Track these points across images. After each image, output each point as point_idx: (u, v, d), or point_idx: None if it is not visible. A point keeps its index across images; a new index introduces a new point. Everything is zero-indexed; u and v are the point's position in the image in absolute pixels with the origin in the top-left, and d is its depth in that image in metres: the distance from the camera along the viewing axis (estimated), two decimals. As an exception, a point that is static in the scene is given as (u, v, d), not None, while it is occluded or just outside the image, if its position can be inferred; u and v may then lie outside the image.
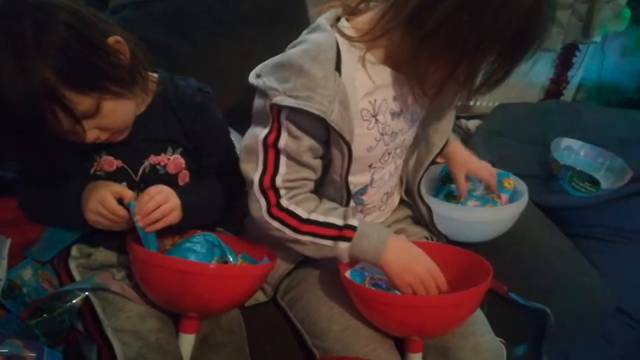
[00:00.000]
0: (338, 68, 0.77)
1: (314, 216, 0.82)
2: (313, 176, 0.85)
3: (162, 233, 0.84)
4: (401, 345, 0.88)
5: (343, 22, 0.82)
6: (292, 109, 0.76)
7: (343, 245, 0.82)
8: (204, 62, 1.31)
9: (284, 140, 0.79)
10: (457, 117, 1.70)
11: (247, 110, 0.86)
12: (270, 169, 0.81)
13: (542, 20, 0.73)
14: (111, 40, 0.74)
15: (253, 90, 0.83)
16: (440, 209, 1.06)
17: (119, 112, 0.77)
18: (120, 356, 0.75)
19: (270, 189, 0.81)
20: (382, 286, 0.88)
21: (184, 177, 0.90)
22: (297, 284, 0.95)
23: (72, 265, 0.86)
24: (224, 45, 1.35)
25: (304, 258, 0.94)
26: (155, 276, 0.79)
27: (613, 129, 1.72)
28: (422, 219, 1.04)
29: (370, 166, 0.90)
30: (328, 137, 0.81)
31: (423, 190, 1.04)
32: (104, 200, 0.78)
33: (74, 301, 0.78)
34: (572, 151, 1.63)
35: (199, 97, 0.89)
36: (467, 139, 1.82)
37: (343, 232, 0.82)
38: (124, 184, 0.85)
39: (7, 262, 0.84)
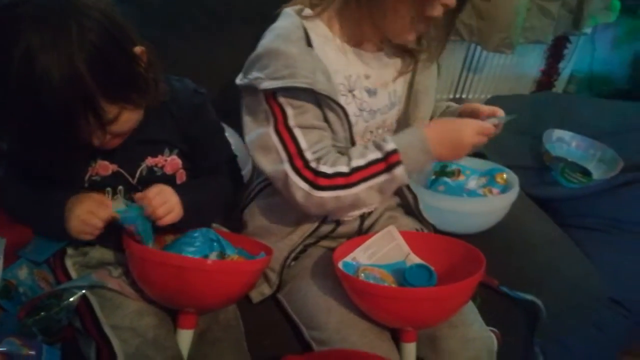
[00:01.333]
0: (309, 44, 0.84)
1: (354, 163, 0.83)
2: (331, 141, 0.87)
3: (163, 231, 0.84)
4: (395, 335, 0.88)
5: (306, 11, 0.88)
6: (282, 89, 0.81)
7: (398, 170, 0.82)
8: (197, 57, 1.32)
9: (292, 118, 0.83)
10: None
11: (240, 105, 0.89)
12: (294, 149, 0.83)
13: None
14: (137, 49, 0.75)
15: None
16: (430, 199, 1.07)
17: (132, 120, 0.77)
18: (120, 353, 0.76)
19: (304, 168, 0.83)
20: (375, 277, 0.88)
21: (181, 177, 0.90)
22: (293, 276, 0.96)
23: (69, 263, 0.86)
24: (216, 40, 1.36)
25: (301, 249, 0.96)
26: (152, 273, 0.79)
27: (604, 120, 1.73)
28: (409, 207, 1.05)
29: (352, 144, 0.91)
30: (321, 106, 0.85)
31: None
32: (85, 219, 0.79)
33: (70, 299, 0.78)
34: (564, 142, 1.65)
35: (196, 98, 0.89)
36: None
37: (389, 160, 0.82)
38: (121, 187, 0.85)
39: (2, 262, 0.83)
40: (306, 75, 0.80)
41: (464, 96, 2.10)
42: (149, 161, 0.86)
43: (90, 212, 0.79)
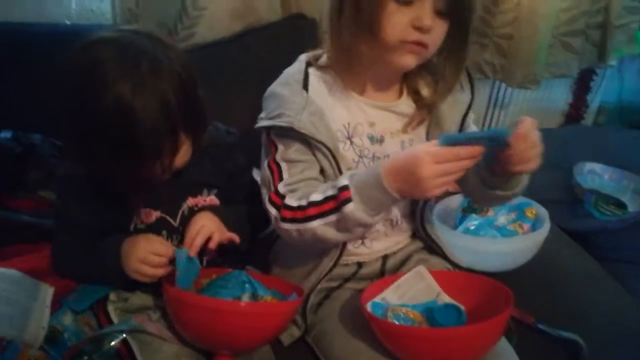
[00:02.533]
0: (305, 87, 0.89)
1: (313, 198, 0.82)
2: (315, 174, 0.89)
3: (208, 268, 0.90)
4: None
5: (322, 59, 0.94)
6: (273, 127, 0.88)
7: (348, 207, 0.78)
8: (228, 107, 1.38)
9: (279, 152, 0.89)
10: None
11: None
12: (277, 181, 0.88)
13: None
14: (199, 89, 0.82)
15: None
16: (457, 240, 1.07)
17: (186, 156, 0.83)
18: None
19: (276, 197, 0.86)
20: (405, 317, 0.88)
21: None
22: (321, 319, 0.97)
23: (111, 308, 0.90)
24: (247, 90, 1.42)
25: (325, 292, 0.98)
26: (188, 315, 0.82)
27: (636, 151, 1.71)
28: (434, 249, 1.04)
29: None
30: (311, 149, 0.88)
31: (435, 223, 1.05)
32: (146, 259, 0.83)
33: (112, 343, 0.82)
34: (596, 174, 1.63)
35: (230, 138, 0.96)
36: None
37: (340, 197, 0.79)
38: (164, 232, 0.90)
39: (49, 310, 0.88)
40: (289, 115, 0.85)
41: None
42: (190, 202, 0.91)
43: (151, 252, 0.83)
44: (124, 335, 0.83)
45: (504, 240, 1.13)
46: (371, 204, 0.79)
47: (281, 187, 0.87)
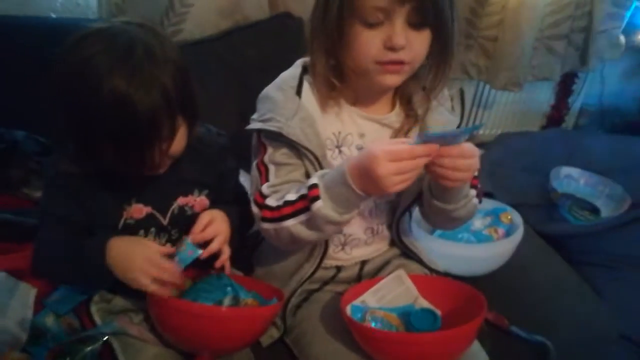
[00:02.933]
0: (299, 93, 0.89)
1: (288, 197, 0.84)
2: (300, 177, 0.89)
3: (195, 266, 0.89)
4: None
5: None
6: (262, 130, 0.88)
7: (316, 205, 0.79)
8: (214, 104, 1.38)
9: (268, 154, 0.90)
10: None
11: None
12: (263, 182, 0.89)
13: None
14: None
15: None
16: (433, 244, 1.10)
17: (183, 140, 0.83)
18: None
19: (259, 197, 0.88)
20: (383, 320, 0.90)
21: None
22: (300, 321, 0.98)
23: (94, 309, 0.91)
24: (232, 87, 1.43)
25: (305, 295, 0.99)
26: (170, 319, 0.84)
27: (614, 156, 1.75)
28: (411, 255, 1.06)
29: None
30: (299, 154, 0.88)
31: (413, 227, 1.07)
32: (153, 259, 0.81)
33: (94, 345, 0.83)
34: (572, 179, 1.67)
35: (220, 139, 0.97)
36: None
37: (309, 194, 0.80)
38: (153, 229, 0.90)
39: (32, 311, 0.88)
40: (279, 120, 0.86)
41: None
42: (180, 201, 0.92)
43: (157, 252, 0.82)
44: (106, 338, 0.85)
45: (478, 246, 1.16)
46: (338, 202, 0.79)
47: (265, 189, 0.88)
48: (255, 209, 0.88)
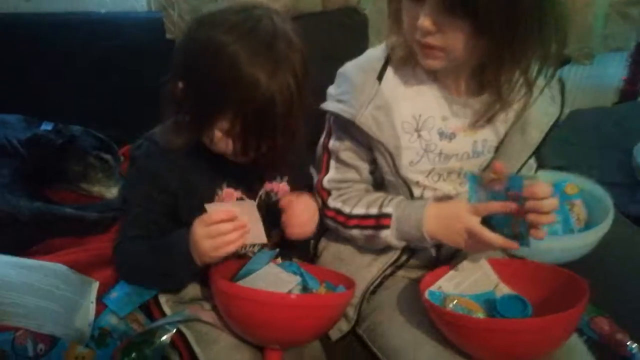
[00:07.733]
0: (380, 77, 0.85)
1: (356, 210, 0.89)
2: (358, 177, 0.92)
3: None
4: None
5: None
6: (333, 113, 0.87)
7: (384, 233, 0.86)
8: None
9: (332, 142, 0.91)
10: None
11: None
12: (324, 171, 0.92)
13: None
14: None
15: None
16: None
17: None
18: None
19: (322, 189, 0.92)
20: (463, 308, 0.85)
21: None
22: (372, 310, 0.94)
23: (163, 299, 0.89)
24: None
25: (381, 280, 0.95)
26: (236, 308, 0.79)
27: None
28: None
29: (417, 183, 0.90)
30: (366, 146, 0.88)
31: None
32: (211, 232, 0.77)
33: (162, 338, 0.80)
34: (659, 155, 1.52)
35: None
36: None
37: (380, 221, 0.86)
38: None
39: (94, 307, 0.86)
40: (353, 106, 0.84)
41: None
42: (267, 186, 0.91)
43: (210, 224, 0.78)
44: (175, 330, 0.81)
45: (565, 237, 1.03)
46: (404, 238, 0.87)
47: (326, 182, 0.92)
48: (318, 198, 0.93)
